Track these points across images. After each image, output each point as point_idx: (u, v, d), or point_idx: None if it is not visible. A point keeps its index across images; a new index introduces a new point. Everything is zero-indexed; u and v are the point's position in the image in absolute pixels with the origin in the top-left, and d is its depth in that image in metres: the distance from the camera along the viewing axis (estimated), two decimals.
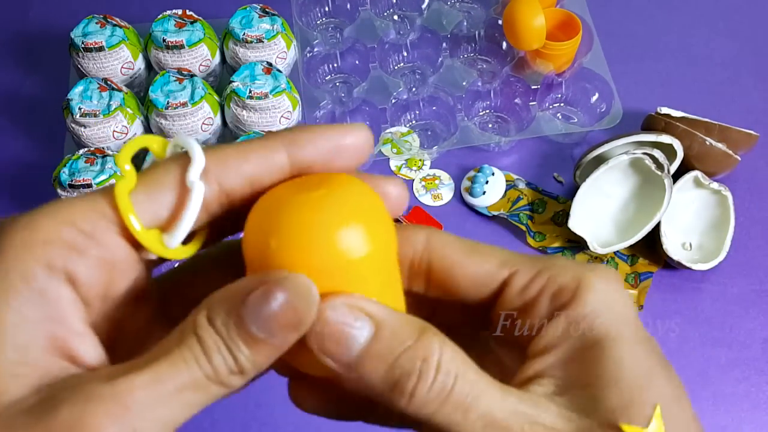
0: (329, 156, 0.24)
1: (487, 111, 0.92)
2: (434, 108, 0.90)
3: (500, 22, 0.92)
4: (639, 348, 0.24)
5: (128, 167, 0.23)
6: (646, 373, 0.24)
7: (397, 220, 0.29)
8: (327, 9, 0.98)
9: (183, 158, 0.23)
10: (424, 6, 0.97)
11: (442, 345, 0.22)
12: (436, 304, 0.28)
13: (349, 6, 0.97)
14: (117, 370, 0.21)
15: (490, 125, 0.91)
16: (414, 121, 0.90)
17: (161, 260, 0.24)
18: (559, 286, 0.25)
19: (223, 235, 0.26)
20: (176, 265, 0.27)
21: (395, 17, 0.98)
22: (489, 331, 0.27)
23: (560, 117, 0.91)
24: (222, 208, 0.24)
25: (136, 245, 0.23)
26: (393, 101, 0.87)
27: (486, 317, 0.27)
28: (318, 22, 0.99)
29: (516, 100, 0.90)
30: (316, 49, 0.92)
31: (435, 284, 0.26)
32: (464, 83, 0.90)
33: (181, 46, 0.83)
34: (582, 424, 0.23)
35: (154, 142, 0.24)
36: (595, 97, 0.90)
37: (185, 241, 0.24)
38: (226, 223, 0.25)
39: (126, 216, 0.22)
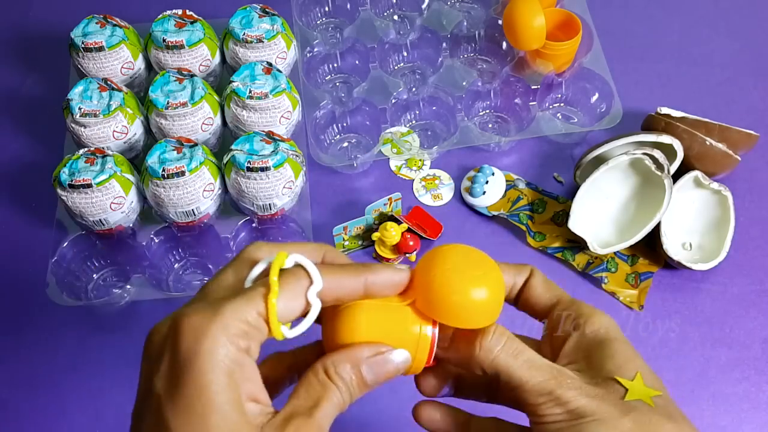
0: (388, 289, 0.39)
1: (487, 111, 0.92)
2: (434, 108, 0.90)
3: (500, 22, 0.92)
4: (626, 347, 0.40)
5: (276, 279, 0.34)
6: (631, 357, 0.39)
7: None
8: (327, 9, 0.98)
9: (304, 276, 0.35)
10: (424, 6, 0.97)
11: (497, 327, 0.39)
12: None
13: (349, 6, 0.97)
14: (296, 413, 0.35)
15: (490, 125, 0.91)
16: (414, 121, 0.90)
17: None
18: (581, 313, 0.41)
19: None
20: None
21: (395, 17, 0.98)
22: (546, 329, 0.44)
23: (560, 117, 0.91)
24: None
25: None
26: (393, 101, 0.87)
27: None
28: (318, 22, 0.99)
29: (516, 100, 0.90)
30: (316, 49, 0.92)
31: (529, 301, 0.44)
32: (464, 83, 0.90)
33: (181, 46, 0.82)
34: (589, 378, 0.38)
35: (282, 257, 0.35)
36: (595, 97, 0.90)
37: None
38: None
39: (274, 321, 0.33)
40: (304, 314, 0.35)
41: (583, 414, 0.36)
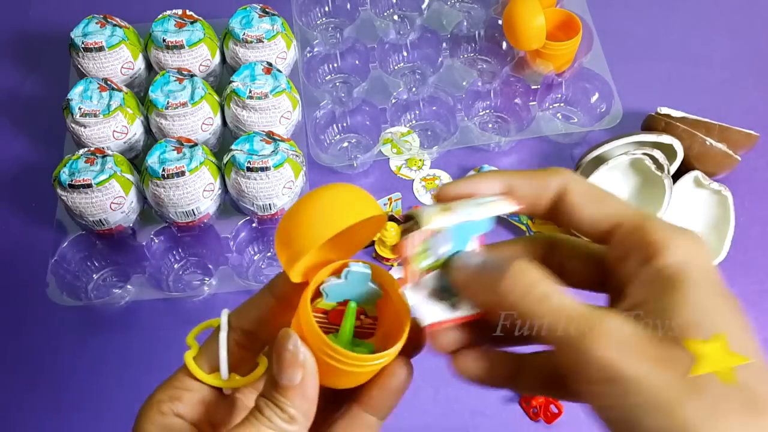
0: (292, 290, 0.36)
1: (487, 111, 0.92)
2: (434, 108, 0.90)
3: (500, 22, 0.91)
4: (712, 292, 0.28)
5: (192, 341, 0.36)
6: (714, 306, 0.28)
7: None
8: (327, 9, 0.98)
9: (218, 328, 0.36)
10: (424, 6, 0.97)
11: (518, 263, 0.30)
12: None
13: (349, 6, 0.97)
14: None
15: (490, 125, 0.91)
16: (414, 121, 0.90)
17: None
18: (651, 241, 0.30)
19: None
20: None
21: (395, 17, 0.98)
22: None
23: (560, 117, 0.91)
24: (250, 342, 0.36)
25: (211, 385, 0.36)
26: (393, 101, 0.87)
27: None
28: (318, 22, 0.99)
29: (516, 100, 0.90)
30: (316, 49, 0.92)
31: (565, 219, 0.34)
32: (464, 83, 0.90)
33: (181, 46, 0.82)
34: (645, 335, 0.27)
35: (213, 321, 0.36)
36: (595, 97, 0.90)
37: (244, 374, 0.36)
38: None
39: (193, 370, 0.35)
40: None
41: (631, 390, 0.26)
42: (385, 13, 0.99)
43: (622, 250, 0.31)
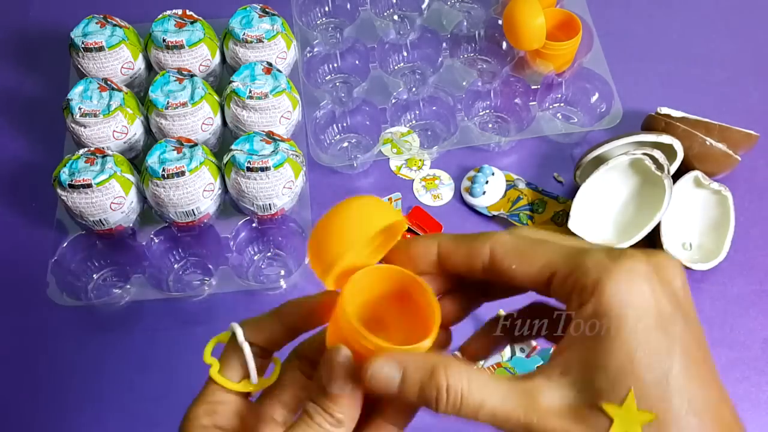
0: (303, 319, 0.38)
1: (487, 111, 0.92)
2: (434, 108, 0.90)
3: (500, 22, 0.91)
4: (637, 339, 0.29)
5: (211, 358, 0.38)
6: (632, 361, 0.29)
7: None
8: (327, 9, 0.98)
9: (234, 342, 0.37)
10: (424, 6, 0.97)
11: (447, 373, 0.31)
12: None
13: (349, 6, 0.97)
14: None
15: (490, 125, 0.91)
16: (414, 121, 0.90)
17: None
18: (582, 285, 0.31)
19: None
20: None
21: (395, 17, 0.98)
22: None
23: (560, 117, 0.91)
24: (272, 348, 0.39)
25: (242, 393, 0.38)
26: (393, 101, 0.87)
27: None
28: (318, 22, 0.99)
29: (516, 100, 0.90)
30: (316, 49, 0.92)
31: (503, 280, 0.34)
32: (464, 83, 0.90)
33: (181, 46, 0.82)
34: (573, 402, 0.30)
35: (222, 336, 0.38)
36: (595, 97, 0.90)
37: (268, 376, 0.39)
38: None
39: (225, 384, 0.37)
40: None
41: None
42: (385, 13, 0.99)
43: (562, 297, 0.32)
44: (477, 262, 0.35)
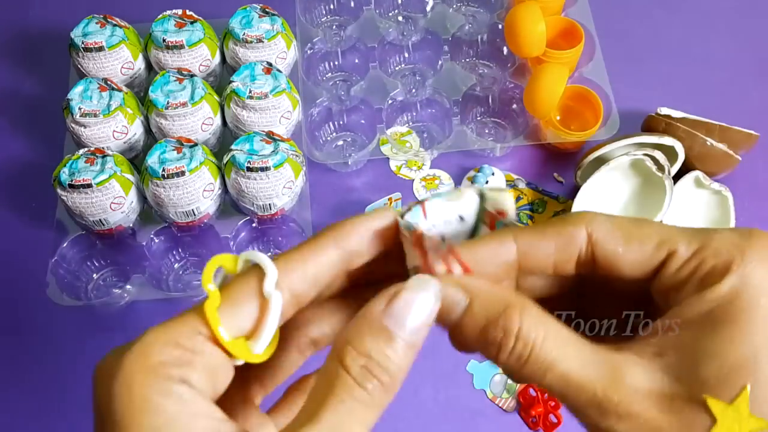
0: (369, 243, 0.30)
1: (485, 116, 0.91)
2: (431, 110, 0.89)
3: (500, 26, 0.91)
4: (765, 329, 0.24)
5: (212, 287, 0.27)
6: (755, 354, 0.24)
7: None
8: (331, 7, 0.98)
9: (257, 271, 0.27)
10: (428, 8, 0.96)
11: (522, 317, 0.26)
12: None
13: (353, 4, 0.97)
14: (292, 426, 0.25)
15: (486, 130, 0.90)
16: (410, 123, 0.90)
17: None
18: (710, 269, 0.26)
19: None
20: None
21: (399, 18, 0.98)
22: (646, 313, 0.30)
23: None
24: (294, 310, 0.28)
25: (228, 352, 0.27)
26: (389, 102, 0.87)
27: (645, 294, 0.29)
28: (322, 19, 0.98)
29: (513, 106, 0.90)
30: (317, 47, 0.92)
31: (602, 271, 0.28)
32: (463, 87, 0.90)
33: (181, 46, 0.82)
34: (668, 389, 0.25)
35: (226, 260, 0.28)
36: None
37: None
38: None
39: (216, 332, 0.26)
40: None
41: None
42: (390, 14, 0.98)
43: (674, 287, 0.27)
44: (572, 251, 0.28)
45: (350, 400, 0.24)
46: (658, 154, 0.78)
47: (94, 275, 0.80)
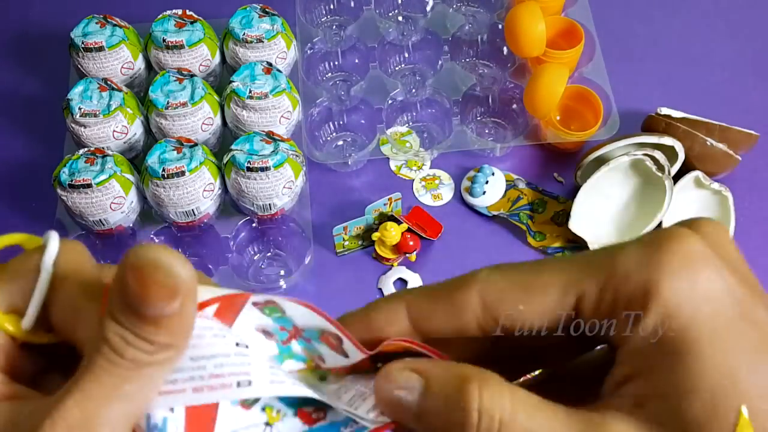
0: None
1: (485, 116, 0.91)
2: (431, 110, 0.89)
3: (500, 26, 0.91)
4: (725, 342, 0.22)
5: None
6: (731, 373, 0.22)
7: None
8: (331, 7, 0.98)
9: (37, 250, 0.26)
10: (428, 8, 0.96)
11: (482, 391, 0.23)
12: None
13: (353, 4, 0.97)
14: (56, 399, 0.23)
15: (486, 130, 0.90)
16: (410, 123, 0.90)
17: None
18: (629, 297, 0.24)
19: None
20: None
21: (399, 18, 0.98)
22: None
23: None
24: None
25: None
26: (389, 102, 0.87)
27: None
28: (323, 19, 0.98)
29: (513, 106, 0.90)
30: (317, 47, 0.92)
31: (510, 331, 0.26)
32: (463, 87, 0.90)
33: (181, 46, 0.82)
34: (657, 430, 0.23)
35: (26, 239, 0.27)
36: None
37: (50, 329, 0.26)
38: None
39: None
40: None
41: None
42: (390, 14, 0.98)
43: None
44: (467, 318, 0.26)
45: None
46: (658, 154, 0.78)
47: None
